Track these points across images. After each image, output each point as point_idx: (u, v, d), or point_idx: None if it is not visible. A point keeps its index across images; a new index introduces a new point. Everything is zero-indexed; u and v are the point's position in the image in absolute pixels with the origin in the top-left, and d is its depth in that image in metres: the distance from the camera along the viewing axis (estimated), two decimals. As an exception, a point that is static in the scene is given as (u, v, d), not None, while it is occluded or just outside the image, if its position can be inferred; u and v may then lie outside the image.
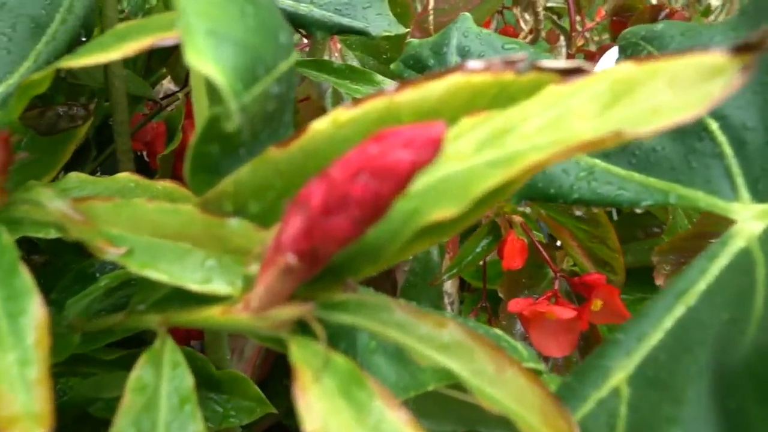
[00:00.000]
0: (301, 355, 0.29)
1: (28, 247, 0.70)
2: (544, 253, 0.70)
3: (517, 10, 1.15)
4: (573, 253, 0.72)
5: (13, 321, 0.32)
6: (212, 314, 0.34)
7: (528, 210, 0.73)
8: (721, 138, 0.42)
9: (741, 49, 0.27)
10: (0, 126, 0.40)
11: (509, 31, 1.23)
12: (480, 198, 0.30)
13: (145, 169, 0.85)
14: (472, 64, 0.31)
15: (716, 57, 0.27)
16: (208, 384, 0.56)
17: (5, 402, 0.30)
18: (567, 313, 0.63)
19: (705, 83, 0.27)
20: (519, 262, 0.68)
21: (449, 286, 0.80)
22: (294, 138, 0.32)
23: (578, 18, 1.10)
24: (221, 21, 0.27)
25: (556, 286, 0.67)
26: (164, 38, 0.36)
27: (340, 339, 0.41)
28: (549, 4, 1.19)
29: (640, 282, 0.84)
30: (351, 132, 0.31)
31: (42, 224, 0.40)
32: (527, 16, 1.19)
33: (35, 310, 0.33)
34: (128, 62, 0.73)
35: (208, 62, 0.25)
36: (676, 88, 0.27)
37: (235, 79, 0.26)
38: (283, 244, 0.28)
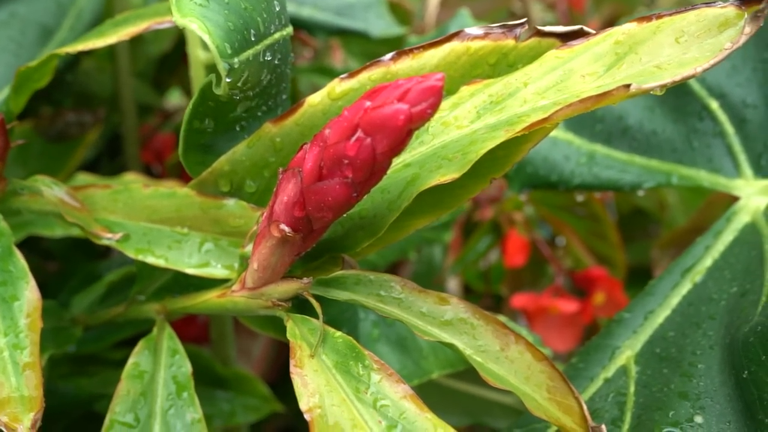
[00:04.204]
0: (298, 331, 0.26)
1: (44, 255, 0.68)
2: (546, 249, 0.67)
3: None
4: (575, 249, 0.69)
5: (7, 305, 0.30)
6: (209, 298, 0.32)
7: (528, 207, 0.70)
8: (722, 117, 0.40)
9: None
10: None
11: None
12: (482, 165, 0.27)
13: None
14: (471, 30, 0.28)
15: (723, 9, 0.24)
16: (215, 381, 0.53)
17: (-5, 386, 0.27)
18: (570, 306, 0.60)
19: (713, 36, 0.24)
20: (521, 258, 0.66)
21: (452, 286, 0.78)
22: (289, 113, 0.30)
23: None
24: (209, -19, 0.24)
25: (559, 281, 0.64)
26: (161, 22, 0.34)
27: (341, 325, 0.38)
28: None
29: (640, 281, 0.81)
30: (347, 104, 0.29)
31: (42, 214, 0.37)
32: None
33: (29, 295, 0.30)
34: (137, 72, 0.71)
35: (194, 21, 0.23)
36: (682, 43, 0.25)
37: (223, 40, 0.24)
38: (276, 214, 0.25)
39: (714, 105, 0.40)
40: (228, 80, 0.24)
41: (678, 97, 0.41)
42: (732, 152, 0.39)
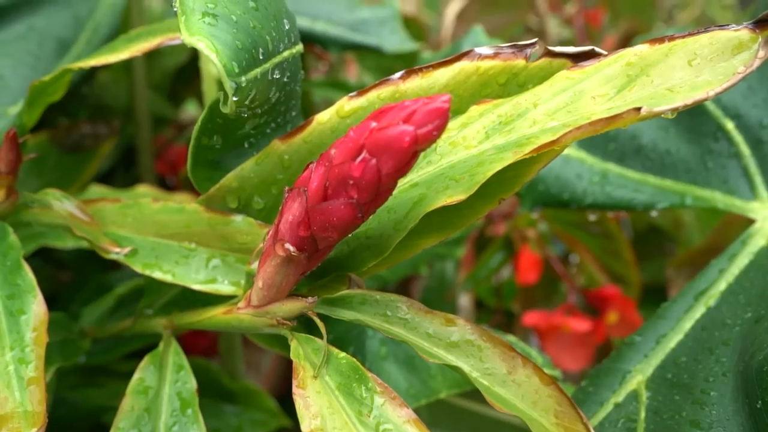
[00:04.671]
0: (302, 351, 0.26)
1: (58, 265, 0.68)
2: (559, 266, 0.66)
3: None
4: (588, 267, 0.68)
5: (14, 319, 0.30)
6: (216, 314, 0.31)
7: (542, 224, 0.70)
8: (738, 137, 0.39)
9: (764, 22, 0.24)
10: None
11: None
12: (490, 186, 0.27)
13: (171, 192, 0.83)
14: (481, 49, 0.28)
15: (737, 32, 0.24)
16: (222, 395, 0.53)
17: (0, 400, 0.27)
18: (582, 325, 0.59)
19: (727, 59, 0.24)
20: (534, 276, 0.65)
21: (464, 302, 0.77)
22: (298, 130, 0.29)
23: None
24: (219, 1, 0.24)
25: (571, 299, 0.64)
26: (173, 38, 0.34)
27: (348, 344, 0.38)
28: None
29: (654, 300, 0.80)
30: (355, 122, 0.29)
31: (52, 227, 0.38)
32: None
33: (36, 309, 0.30)
34: (153, 84, 0.72)
35: (202, 39, 0.23)
36: (695, 66, 0.24)
37: (231, 59, 0.23)
38: (281, 233, 0.25)
39: (729, 125, 0.40)
40: (235, 99, 0.24)
41: (693, 117, 0.41)
42: (748, 174, 0.38)
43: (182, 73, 0.75)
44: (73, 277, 0.70)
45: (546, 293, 0.73)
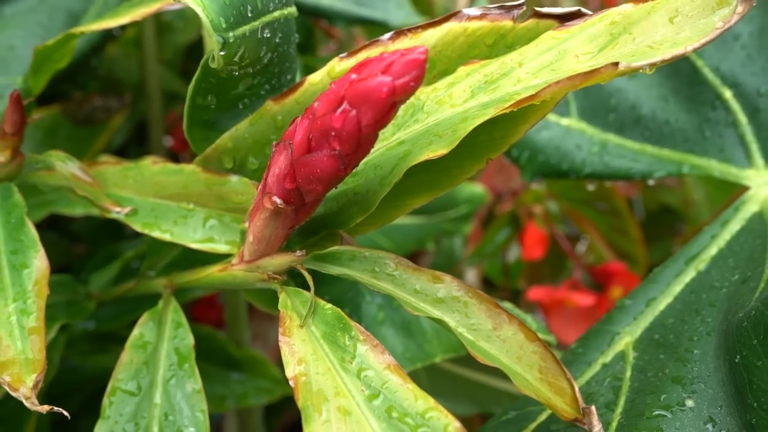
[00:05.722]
0: (290, 302, 0.27)
1: (72, 238, 0.70)
2: (565, 243, 0.67)
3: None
4: (595, 244, 0.68)
5: (17, 273, 0.31)
6: (212, 272, 0.33)
7: (552, 204, 0.70)
8: (735, 106, 0.39)
9: (744, -22, 0.24)
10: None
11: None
12: (478, 146, 0.28)
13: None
14: (468, 10, 0.28)
15: (718, -12, 0.24)
16: (228, 363, 0.54)
17: (2, 348, 0.29)
18: (586, 300, 0.60)
19: (707, 15, 0.24)
20: (539, 251, 0.65)
21: (471, 278, 0.78)
22: (290, 91, 0.30)
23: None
24: (206, -43, 0.25)
25: (576, 275, 0.64)
26: (171, 3, 0.35)
27: (343, 305, 0.38)
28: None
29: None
30: (346, 82, 0.29)
31: (59, 190, 0.39)
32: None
33: (38, 263, 0.32)
34: (165, 61, 0.73)
35: (188, -6, 0.24)
36: (676, 23, 0.25)
37: (218, 14, 0.24)
38: (269, 186, 0.26)
39: (727, 94, 0.40)
40: (222, 53, 0.25)
41: (692, 86, 0.41)
42: (744, 142, 0.39)
43: (194, 50, 0.76)
44: (87, 250, 0.71)
45: (552, 271, 0.73)
